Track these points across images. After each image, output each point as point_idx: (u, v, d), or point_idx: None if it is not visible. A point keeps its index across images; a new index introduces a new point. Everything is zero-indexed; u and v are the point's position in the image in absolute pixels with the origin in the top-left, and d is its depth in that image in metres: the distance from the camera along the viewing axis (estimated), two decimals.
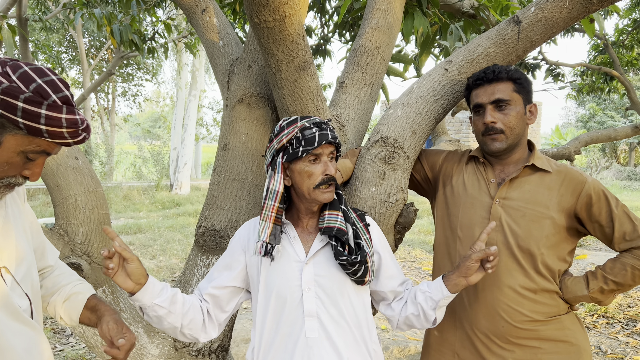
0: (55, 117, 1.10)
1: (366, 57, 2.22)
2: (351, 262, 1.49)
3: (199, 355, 2.04)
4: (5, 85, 1.06)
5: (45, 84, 1.10)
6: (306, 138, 1.48)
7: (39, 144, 1.14)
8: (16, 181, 1.19)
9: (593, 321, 5.32)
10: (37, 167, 1.20)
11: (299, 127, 1.49)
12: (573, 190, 1.70)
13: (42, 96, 1.08)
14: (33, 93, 1.08)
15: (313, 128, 1.50)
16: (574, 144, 4.68)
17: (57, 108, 1.10)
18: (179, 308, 1.52)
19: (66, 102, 1.12)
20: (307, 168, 1.50)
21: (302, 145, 1.48)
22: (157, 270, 6.90)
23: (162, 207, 13.76)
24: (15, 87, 1.07)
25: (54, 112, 1.10)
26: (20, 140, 1.12)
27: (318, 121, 1.52)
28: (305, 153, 1.48)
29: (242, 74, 2.18)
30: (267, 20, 1.59)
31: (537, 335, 1.69)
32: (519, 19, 1.88)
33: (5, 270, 1.22)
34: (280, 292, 1.52)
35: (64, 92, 1.12)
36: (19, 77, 1.08)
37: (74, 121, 1.13)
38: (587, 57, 7.72)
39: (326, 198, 1.52)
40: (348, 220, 1.56)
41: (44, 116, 1.08)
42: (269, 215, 1.52)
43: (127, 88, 18.99)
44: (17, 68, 1.10)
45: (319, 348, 1.49)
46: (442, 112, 2.03)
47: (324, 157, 1.51)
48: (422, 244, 9.17)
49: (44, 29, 10.32)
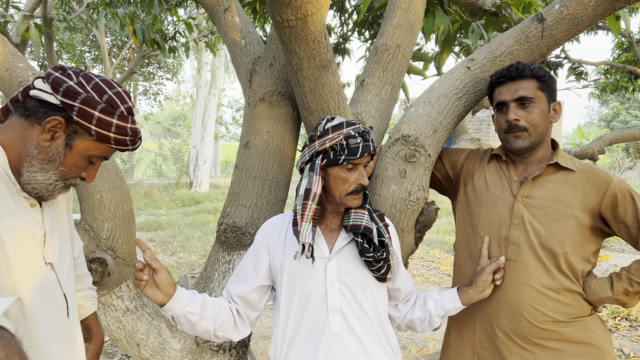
0: (123, 126, 1.22)
1: (387, 55, 2.22)
2: (377, 258, 1.51)
3: (220, 350, 2.07)
4: (84, 96, 1.16)
5: (115, 95, 1.21)
6: (350, 147, 1.49)
7: (103, 150, 1.25)
8: (75, 182, 1.28)
9: (616, 324, 5.23)
10: (94, 170, 1.30)
11: (344, 135, 1.50)
12: (598, 189, 1.67)
13: (112, 107, 1.19)
14: (106, 104, 1.18)
15: (358, 138, 1.51)
16: (598, 143, 4.60)
17: (125, 118, 1.22)
18: (210, 312, 1.56)
19: (130, 112, 1.24)
20: (343, 175, 1.52)
21: (344, 153, 1.49)
22: (177, 266, 6.98)
23: (182, 205, 13.90)
24: (91, 98, 1.17)
25: (123, 122, 1.21)
26: (89, 146, 1.23)
27: (362, 130, 1.54)
28: (347, 162, 1.50)
29: (263, 73, 2.19)
30: (290, 19, 1.60)
31: (559, 336, 1.67)
32: (543, 17, 1.86)
33: (51, 267, 1.26)
34: (304, 288, 1.54)
35: (128, 104, 1.23)
36: (93, 88, 1.19)
37: (136, 130, 1.26)
38: (611, 55, 7.58)
39: (356, 204, 1.56)
40: (372, 218, 1.59)
41: (114, 125, 1.20)
42: (308, 216, 1.52)
43: (148, 87, 19.19)
44: (89, 79, 1.20)
45: (343, 343, 1.51)
46: (464, 110, 2.02)
47: (360, 167, 1.55)
48: (441, 244, 9.11)
49: (68, 28, 10.50)
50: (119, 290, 1.95)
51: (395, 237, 1.71)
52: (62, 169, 1.22)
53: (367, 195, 1.65)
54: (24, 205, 1.21)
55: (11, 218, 1.14)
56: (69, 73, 1.20)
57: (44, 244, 1.24)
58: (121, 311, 1.96)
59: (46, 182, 1.21)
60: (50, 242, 1.27)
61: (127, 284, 1.98)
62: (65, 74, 1.20)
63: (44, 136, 1.18)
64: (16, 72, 2.10)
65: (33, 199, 1.23)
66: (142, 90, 19.16)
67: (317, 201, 1.52)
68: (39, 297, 1.19)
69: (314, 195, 1.51)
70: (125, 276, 1.97)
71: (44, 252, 1.24)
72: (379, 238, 1.56)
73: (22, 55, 4.44)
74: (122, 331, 1.97)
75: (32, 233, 1.20)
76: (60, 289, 1.28)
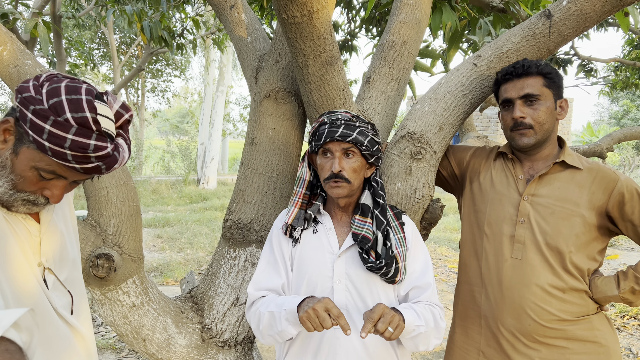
0: (59, 136, 1.05)
1: (393, 52, 2.21)
2: (377, 267, 1.51)
3: (225, 346, 2.08)
4: (27, 95, 1.07)
5: (68, 101, 1.06)
6: (318, 133, 1.56)
7: (49, 163, 1.11)
8: (36, 199, 1.17)
9: (624, 323, 5.20)
10: (56, 189, 1.17)
11: (319, 122, 1.58)
12: (605, 188, 1.66)
13: (55, 112, 1.05)
14: (49, 108, 1.05)
15: (327, 124, 1.54)
16: (607, 140, 4.56)
17: (63, 126, 1.05)
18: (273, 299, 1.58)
19: (82, 124, 1.06)
20: (320, 161, 1.58)
21: (315, 139, 1.57)
22: (184, 263, 7.01)
23: (190, 201, 13.96)
24: (34, 99, 1.06)
25: (58, 130, 1.05)
26: (32, 155, 1.11)
27: (336, 118, 1.54)
28: (317, 148, 1.56)
29: (269, 70, 2.19)
30: (295, 15, 1.59)
31: (565, 335, 1.66)
32: (550, 13, 1.85)
33: (49, 271, 1.27)
34: (312, 280, 1.55)
35: (84, 114, 1.06)
36: (48, 91, 1.07)
37: (82, 145, 1.07)
38: (622, 52, 7.50)
39: (335, 193, 1.54)
40: (379, 226, 1.55)
41: (47, 132, 1.05)
42: (295, 201, 1.63)
43: (156, 84, 19.29)
44: (53, 82, 1.09)
45: (346, 340, 1.51)
46: (470, 107, 2.01)
47: (336, 153, 1.53)
48: (448, 242, 9.08)
49: (76, 25, 10.55)
50: (125, 286, 1.96)
51: (414, 234, 1.65)
52: (12, 178, 1.13)
53: (380, 202, 1.59)
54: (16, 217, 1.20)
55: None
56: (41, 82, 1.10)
57: (40, 251, 1.25)
58: (127, 307, 1.97)
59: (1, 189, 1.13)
60: (47, 247, 1.28)
61: (133, 280, 1.99)
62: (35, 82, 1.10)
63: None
64: (24, 69, 2.12)
65: None
66: (150, 88, 19.24)
67: (305, 187, 1.64)
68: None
69: (302, 181, 1.63)
70: (131, 272, 1.98)
71: (40, 257, 1.24)
72: (383, 245, 1.53)
73: (31, 52, 4.47)
74: (129, 327, 1.99)
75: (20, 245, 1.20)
76: (63, 287, 1.31)
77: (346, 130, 1.52)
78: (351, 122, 1.55)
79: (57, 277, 1.30)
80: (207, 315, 2.10)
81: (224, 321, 2.08)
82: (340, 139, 1.51)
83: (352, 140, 1.52)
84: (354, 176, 1.54)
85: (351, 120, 1.55)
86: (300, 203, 1.62)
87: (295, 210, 1.61)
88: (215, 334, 2.07)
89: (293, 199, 1.63)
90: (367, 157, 1.57)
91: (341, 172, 1.51)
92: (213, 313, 2.09)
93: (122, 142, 1.17)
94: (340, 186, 1.53)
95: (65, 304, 1.33)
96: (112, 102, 1.17)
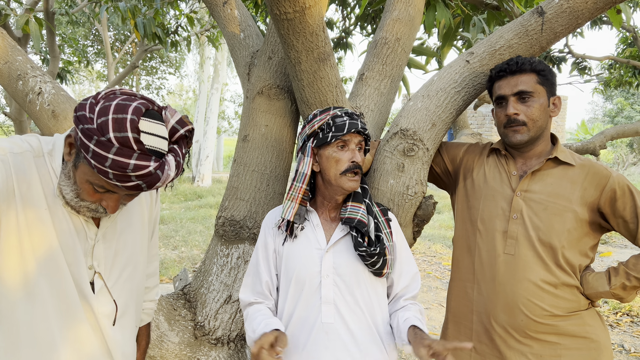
0: (100, 154, 1.08)
1: (387, 48, 2.21)
2: (370, 253, 1.51)
3: (218, 343, 2.07)
4: (80, 114, 1.11)
5: (114, 120, 1.08)
6: (337, 125, 1.54)
7: (98, 179, 1.16)
8: (97, 208, 1.23)
9: (617, 319, 5.23)
10: (111, 201, 1.21)
11: (331, 115, 1.56)
12: (597, 184, 1.67)
13: (101, 131, 1.07)
14: (96, 127, 1.08)
15: (344, 116, 1.56)
16: (600, 138, 4.58)
17: (105, 146, 1.07)
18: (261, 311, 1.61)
19: (123, 143, 1.07)
20: (335, 154, 1.55)
21: (332, 131, 1.54)
22: (179, 260, 7.00)
23: (185, 199, 13.93)
24: (86, 118, 1.10)
25: (100, 149, 1.07)
26: (86, 170, 1.17)
27: (350, 112, 1.58)
28: (335, 139, 1.53)
29: (262, 66, 2.19)
30: (287, 11, 1.59)
31: (556, 330, 1.67)
32: (542, 10, 1.85)
33: (98, 275, 1.32)
34: (300, 276, 1.56)
35: (125, 134, 1.07)
36: (99, 110, 1.09)
37: (122, 164, 1.08)
38: (615, 50, 7.54)
39: (351, 186, 1.55)
40: (370, 213, 1.59)
41: (91, 150, 1.08)
42: (295, 196, 1.58)
43: (150, 81, 19.21)
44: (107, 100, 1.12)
45: (334, 334, 1.52)
46: (463, 104, 2.01)
47: (352, 145, 1.56)
48: (443, 239, 9.11)
49: (70, 22, 10.49)
50: None
51: (399, 232, 1.70)
52: (76, 188, 1.20)
53: (367, 189, 1.65)
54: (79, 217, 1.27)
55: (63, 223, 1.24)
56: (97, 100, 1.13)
57: (92, 253, 1.30)
58: None
59: (68, 196, 1.21)
60: (102, 252, 1.32)
61: None
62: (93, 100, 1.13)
63: (65, 150, 1.19)
64: (15, 65, 2.10)
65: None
66: (144, 85, 19.17)
67: (306, 182, 1.57)
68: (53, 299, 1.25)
69: (303, 176, 1.57)
70: None
71: (92, 260, 1.30)
72: (376, 233, 1.56)
73: (24, 49, 4.44)
74: None
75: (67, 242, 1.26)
76: (109, 295, 1.34)
77: (363, 123, 1.57)
78: (361, 116, 1.62)
79: (105, 282, 1.33)
80: (200, 312, 2.09)
81: (216, 318, 2.07)
82: (361, 131, 1.55)
83: (367, 134, 1.58)
84: (363, 168, 1.58)
85: (360, 116, 1.60)
86: (300, 199, 1.59)
87: (297, 206, 1.58)
88: (207, 331, 2.06)
89: (292, 194, 1.58)
90: (365, 151, 1.63)
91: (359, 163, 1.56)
92: (206, 310, 2.08)
93: (170, 159, 1.16)
94: (356, 179, 1.56)
95: (109, 312, 1.35)
96: (169, 117, 1.17)
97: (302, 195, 1.58)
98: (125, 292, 1.40)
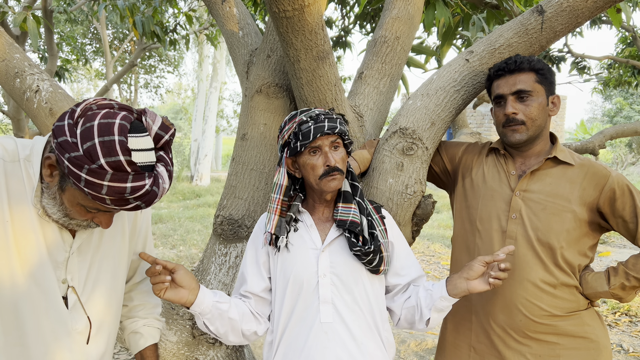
0: (95, 183, 1.03)
1: (386, 47, 2.20)
2: (365, 252, 1.51)
3: (216, 342, 2.06)
4: (62, 140, 1.04)
5: (101, 144, 1.01)
6: (302, 132, 1.51)
7: (91, 202, 1.11)
8: (88, 224, 1.21)
9: (616, 319, 5.23)
10: (104, 218, 1.18)
11: (297, 122, 1.53)
12: (596, 184, 1.66)
13: (90, 158, 1.01)
14: (84, 153, 1.02)
15: (309, 122, 1.51)
16: (599, 137, 4.58)
17: (98, 174, 1.02)
18: (232, 299, 1.58)
19: (116, 167, 1.02)
20: (309, 161, 1.53)
21: (299, 139, 1.51)
22: (177, 259, 6.99)
23: (183, 198, 13.92)
24: (69, 144, 1.03)
25: (94, 178, 1.02)
26: (75, 194, 1.12)
27: (316, 114, 1.54)
28: (303, 147, 1.51)
29: (261, 64, 2.18)
30: (286, 9, 1.58)
31: (555, 330, 1.67)
32: (542, 9, 1.84)
33: (72, 290, 1.26)
34: (297, 278, 1.55)
35: (117, 158, 1.02)
36: (81, 132, 1.03)
37: (119, 190, 1.04)
38: (615, 49, 7.54)
39: (332, 186, 1.53)
40: (362, 212, 1.58)
41: (84, 180, 1.03)
42: (274, 208, 1.59)
43: (149, 80, 19.17)
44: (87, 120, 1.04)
45: (333, 333, 1.51)
46: (462, 103, 2.01)
47: (324, 148, 1.52)
48: (442, 239, 9.11)
49: (68, 20, 10.47)
50: None
51: (394, 228, 1.69)
52: (64, 209, 1.15)
53: (357, 187, 1.63)
54: (52, 227, 1.21)
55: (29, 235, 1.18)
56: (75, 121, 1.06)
57: (66, 266, 1.24)
58: None
59: (55, 215, 1.17)
60: (76, 266, 1.26)
61: None
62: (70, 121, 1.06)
63: (44, 171, 1.13)
64: (12, 63, 2.09)
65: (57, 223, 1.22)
66: (143, 83, 19.14)
67: (283, 192, 1.59)
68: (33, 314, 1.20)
69: (279, 187, 1.58)
70: None
71: (66, 274, 1.24)
72: (369, 230, 1.55)
73: (22, 47, 4.42)
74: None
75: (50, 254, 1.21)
76: (82, 310, 1.29)
77: (331, 123, 1.52)
78: (329, 115, 1.55)
79: (79, 298, 1.27)
80: None
81: None
82: (329, 132, 1.50)
83: (338, 131, 1.52)
84: (344, 167, 1.56)
85: (329, 114, 1.55)
86: (279, 210, 1.59)
87: (276, 217, 1.58)
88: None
89: (271, 206, 1.60)
90: (347, 147, 1.59)
91: (335, 165, 1.51)
92: None
93: (162, 170, 1.12)
94: (336, 178, 1.53)
95: (82, 329, 1.29)
96: (150, 124, 1.11)
97: (280, 207, 1.59)
98: (101, 308, 1.33)
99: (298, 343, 1.53)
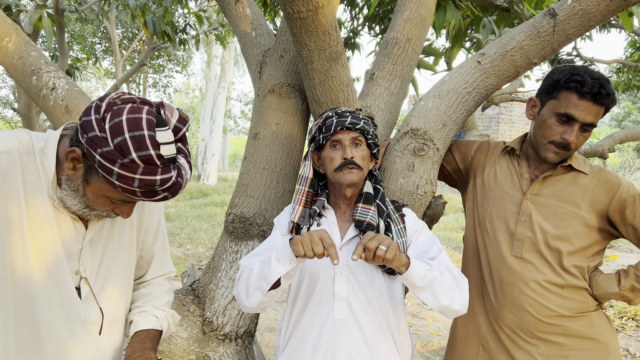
0: (128, 177, 1.07)
1: (397, 49, 2.22)
2: None
3: (226, 339, 2.09)
4: (92, 135, 1.07)
5: (132, 139, 1.05)
6: (326, 125, 1.58)
7: (119, 194, 1.15)
8: (109, 214, 1.23)
9: (622, 323, 5.21)
10: (126, 208, 1.22)
11: (324, 117, 1.60)
12: (607, 192, 1.67)
13: (122, 153, 1.05)
14: (115, 148, 1.05)
15: (334, 117, 1.58)
16: (608, 141, 4.57)
17: (130, 168, 1.06)
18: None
19: (147, 161, 1.06)
20: (329, 154, 1.58)
21: (322, 132, 1.58)
22: (184, 258, 7.03)
23: (190, 197, 13.96)
24: (99, 139, 1.06)
25: (126, 172, 1.06)
26: (103, 187, 1.15)
27: (342, 110, 1.60)
28: (325, 140, 1.57)
29: (273, 64, 2.20)
30: (301, 10, 1.60)
31: (563, 330, 1.67)
32: (555, 12, 1.85)
33: (84, 281, 1.28)
34: (314, 272, 1.57)
35: (148, 152, 1.06)
36: (111, 127, 1.06)
37: (150, 182, 1.08)
38: (624, 53, 7.51)
39: (348, 179, 1.54)
40: (381, 214, 1.59)
41: (116, 173, 1.07)
42: (299, 199, 1.64)
43: (157, 79, 19.26)
44: (115, 115, 1.07)
45: (345, 330, 1.52)
46: (474, 105, 2.02)
47: (344, 142, 1.56)
48: (448, 241, 9.09)
49: (79, 19, 10.55)
50: None
51: (415, 224, 1.66)
52: (86, 200, 1.18)
53: (379, 189, 1.64)
54: (66, 218, 1.23)
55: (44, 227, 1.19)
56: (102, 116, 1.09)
57: (79, 258, 1.26)
58: None
59: (74, 207, 1.19)
60: (88, 257, 1.28)
61: None
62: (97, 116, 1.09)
63: (67, 164, 1.15)
64: (29, 61, 2.13)
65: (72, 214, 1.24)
66: (151, 83, 19.23)
67: (308, 184, 1.64)
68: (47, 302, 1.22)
69: (305, 179, 1.64)
70: None
71: (79, 265, 1.26)
72: (385, 233, 1.56)
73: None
74: None
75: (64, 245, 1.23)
76: (95, 301, 1.31)
77: (354, 120, 1.57)
78: (356, 113, 1.61)
79: (92, 288, 1.30)
80: (208, 308, 2.11)
81: (225, 314, 2.09)
82: (350, 127, 1.55)
83: (360, 128, 1.56)
84: (363, 164, 1.58)
85: (354, 112, 1.61)
86: (304, 201, 1.64)
87: (300, 208, 1.63)
88: (216, 327, 2.08)
89: (297, 197, 1.64)
90: (371, 147, 1.61)
91: (353, 159, 1.54)
92: (214, 306, 2.10)
93: (183, 162, 1.15)
94: (352, 172, 1.55)
95: (95, 319, 1.31)
96: (169, 117, 1.15)
97: (305, 198, 1.64)
98: (112, 298, 1.35)
99: (310, 336, 1.55)
